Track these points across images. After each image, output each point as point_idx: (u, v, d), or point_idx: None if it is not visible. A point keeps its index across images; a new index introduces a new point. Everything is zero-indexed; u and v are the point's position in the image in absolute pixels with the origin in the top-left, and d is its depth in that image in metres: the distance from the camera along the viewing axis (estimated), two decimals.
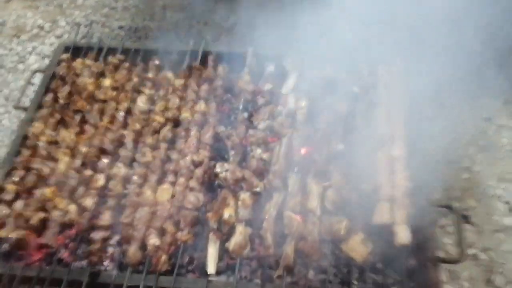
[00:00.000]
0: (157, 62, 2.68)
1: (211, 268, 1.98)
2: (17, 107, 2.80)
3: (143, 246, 2.08)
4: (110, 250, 2.20)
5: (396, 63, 2.65)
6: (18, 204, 2.22)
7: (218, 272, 2.08)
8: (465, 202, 2.62)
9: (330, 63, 2.62)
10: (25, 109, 2.68)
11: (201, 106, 2.50)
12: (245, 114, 2.52)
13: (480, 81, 3.21)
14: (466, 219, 2.54)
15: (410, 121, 2.46)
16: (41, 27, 3.73)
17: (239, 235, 2.03)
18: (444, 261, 2.08)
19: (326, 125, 2.34)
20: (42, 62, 3.49)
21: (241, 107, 2.52)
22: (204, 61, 2.74)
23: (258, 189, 2.17)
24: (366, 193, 2.12)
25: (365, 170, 2.19)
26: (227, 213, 2.04)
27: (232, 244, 2.01)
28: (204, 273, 2.02)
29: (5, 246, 2.15)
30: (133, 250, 2.03)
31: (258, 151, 2.28)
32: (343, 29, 2.64)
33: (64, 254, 2.20)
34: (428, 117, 3.07)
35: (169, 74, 2.64)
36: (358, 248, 1.95)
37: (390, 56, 2.67)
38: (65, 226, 2.20)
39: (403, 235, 1.98)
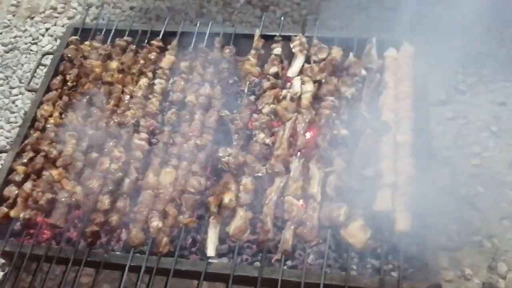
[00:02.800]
0: (162, 44, 2.67)
1: (210, 251, 2.01)
2: (28, 89, 2.86)
3: (146, 228, 2.13)
4: (117, 231, 2.27)
5: (406, 46, 2.59)
6: (27, 185, 2.28)
7: (220, 255, 2.12)
8: (473, 188, 2.58)
9: (339, 45, 2.59)
10: (35, 91, 2.73)
11: (206, 89, 2.50)
12: (252, 98, 2.52)
13: (495, 64, 3.12)
14: (472, 205, 2.51)
15: (420, 105, 2.42)
16: (54, 8, 3.76)
17: (239, 219, 2.05)
18: (445, 248, 2.08)
19: (330, 110, 2.32)
20: (54, 43, 3.53)
21: (246, 90, 2.51)
22: (211, 43, 2.73)
23: (260, 174, 2.18)
24: (368, 179, 2.11)
25: (368, 156, 2.17)
26: (227, 198, 2.06)
27: (232, 228, 2.04)
28: (207, 255, 2.05)
29: (16, 225, 2.23)
30: (135, 232, 2.07)
31: (261, 135, 2.27)
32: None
33: (72, 233, 2.27)
34: (441, 101, 3.01)
35: (172, 57, 2.63)
36: (356, 235, 1.95)
37: (401, 38, 2.62)
38: (74, 207, 2.26)
39: (403, 222, 1.98)
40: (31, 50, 3.51)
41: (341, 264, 2.09)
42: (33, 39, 3.57)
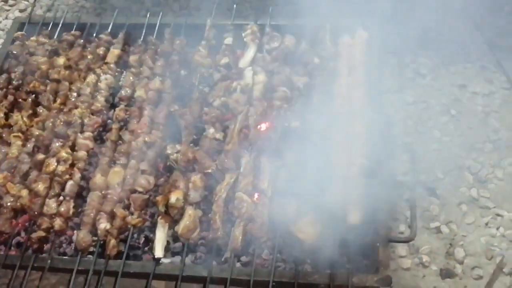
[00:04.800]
0: (109, 37, 2.58)
1: (158, 252, 1.95)
2: None
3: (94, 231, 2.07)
4: (69, 233, 2.20)
5: (361, 32, 2.53)
6: None
7: (174, 253, 2.08)
8: (433, 174, 2.55)
9: (291, 33, 2.52)
10: None
11: (156, 83, 2.42)
12: (206, 90, 2.44)
13: (456, 45, 3.08)
14: (431, 191, 2.48)
15: (378, 91, 2.37)
16: (4, 1, 3.61)
17: (188, 218, 1.99)
18: (397, 240, 2.08)
19: (281, 101, 2.26)
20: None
21: (196, 83, 2.43)
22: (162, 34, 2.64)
23: (210, 170, 2.12)
24: (321, 171, 2.06)
25: (321, 148, 2.13)
26: (174, 197, 2.00)
27: (180, 227, 1.99)
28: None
29: None
30: (82, 235, 2.01)
31: (211, 130, 2.21)
32: None
33: (23, 237, 2.20)
34: (402, 85, 2.96)
35: (117, 50, 2.55)
36: (306, 230, 1.91)
37: (355, 24, 2.55)
38: (21, 211, 2.19)
39: (355, 215, 1.95)
40: None
41: (295, 258, 2.06)
42: None
